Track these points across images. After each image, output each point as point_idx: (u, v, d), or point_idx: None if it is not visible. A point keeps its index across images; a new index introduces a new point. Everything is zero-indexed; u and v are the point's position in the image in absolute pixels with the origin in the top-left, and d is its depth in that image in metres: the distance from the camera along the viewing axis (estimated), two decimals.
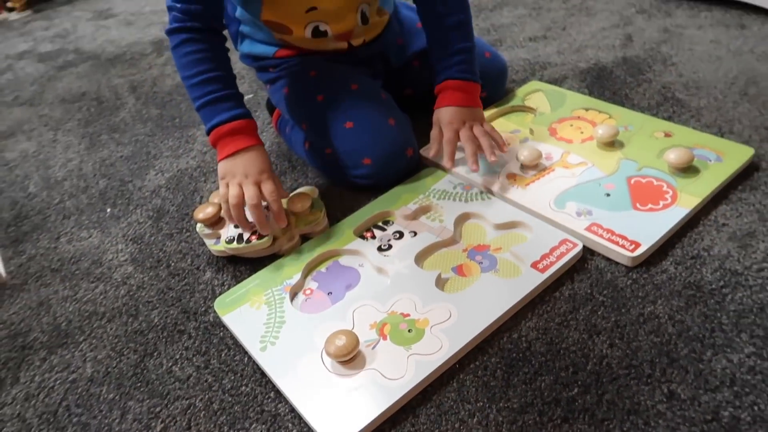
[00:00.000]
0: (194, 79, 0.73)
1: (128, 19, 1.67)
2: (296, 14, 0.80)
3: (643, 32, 1.10)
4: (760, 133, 0.80)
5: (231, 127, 0.72)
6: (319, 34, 0.82)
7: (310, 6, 0.78)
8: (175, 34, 0.74)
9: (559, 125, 0.86)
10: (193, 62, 0.73)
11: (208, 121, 0.73)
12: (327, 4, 0.79)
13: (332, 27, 0.81)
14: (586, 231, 0.67)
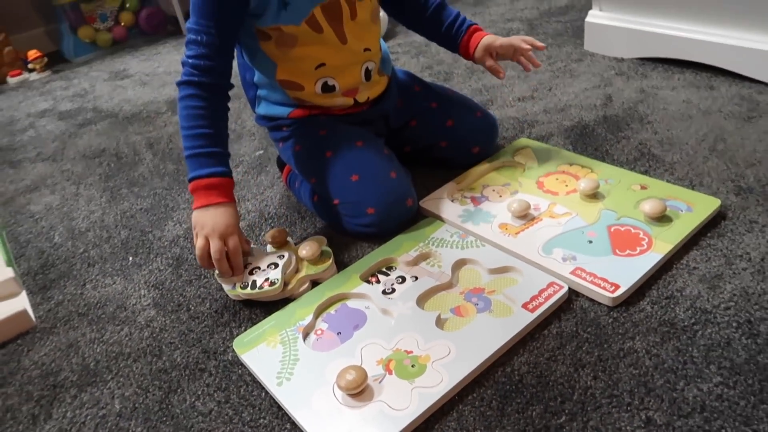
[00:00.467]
0: (188, 131, 0.81)
1: (143, 80, 1.77)
2: (307, 71, 0.89)
3: (622, 93, 1.20)
4: (727, 185, 0.88)
5: (208, 182, 0.80)
6: (328, 89, 0.91)
7: (319, 62, 0.88)
8: (184, 86, 0.82)
9: (546, 179, 0.95)
10: (191, 116, 0.81)
11: (191, 171, 0.81)
12: (334, 60, 0.88)
13: (339, 82, 0.91)
14: (571, 274, 0.74)
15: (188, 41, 0.82)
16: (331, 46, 0.87)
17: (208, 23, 0.80)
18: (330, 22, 0.86)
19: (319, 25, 0.85)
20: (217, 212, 0.79)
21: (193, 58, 0.81)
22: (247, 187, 1.11)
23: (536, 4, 1.83)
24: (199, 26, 0.81)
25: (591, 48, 1.42)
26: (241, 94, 1.52)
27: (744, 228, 0.79)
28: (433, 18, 1.00)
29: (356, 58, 0.91)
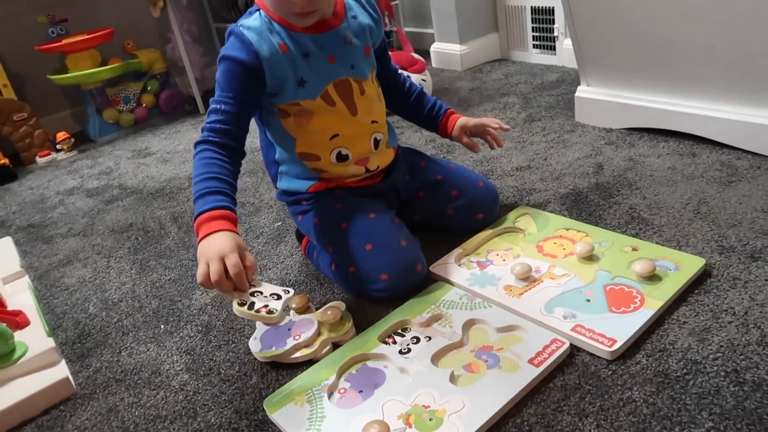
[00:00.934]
0: (197, 178, 0.87)
1: (165, 157, 1.89)
2: (323, 142, 1.00)
3: (612, 161, 1.30)
4: (711, 245, 0.96)
5: (209, 215, 0.82)
6: (342, 158, 1.01)
7: (333, 133, 1.00)
8: (200, 145, 0.90)
9: (545, 243, 1.03)
10: (202, 165, 0.88)
11: (195, 211, 0.84)
12: (346, 130, 1.00)
13: (352, 151, 1.02)
14: (572, 331, 0.81)
15: (209, 111, 0.93)
16: (342, 117, 0.99)
17: (228, 96, 0.92)
18: (341, 97, 0.98)
19: (332, 99, 0.98)
20: (217, 238, 0.80)
21: (212, 122, 0.91)
22: (268, 256, 1.19)
23: (529, 78, 1.97)
24: (220, 98, 0.92)
25: (582, 119, 1.54)
26: (258, 170, 1.64)
27: (728, 285, 0.87)
28: (415, 103, 1.16)
29: (365, 129, 1.02)
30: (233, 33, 0.93)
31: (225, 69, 0.92)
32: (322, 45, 0.96)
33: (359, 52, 1.00)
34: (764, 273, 0.88)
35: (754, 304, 0.82)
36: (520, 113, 1.68)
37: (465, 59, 2.22)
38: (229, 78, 0.92)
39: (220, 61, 0.93)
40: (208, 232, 0.81)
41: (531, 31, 2.12)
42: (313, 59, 0.95)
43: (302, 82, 0.95)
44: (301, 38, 0.95)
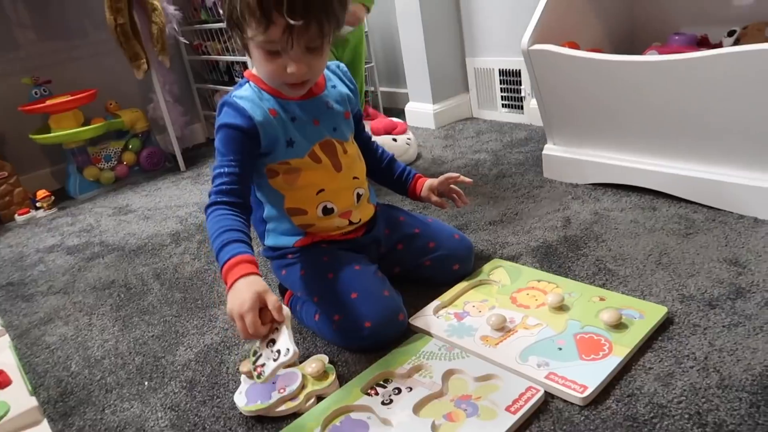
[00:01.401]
0: (215, 234, 0.92)
1: (146, 214, 1.92)
2: (310, 197, 1.06)
3: (579, 215, 1.38)
4: (672, 294, 1.02)
5: (231, 263, 0.86)
6: (328, 211, 1.07)
7: (319, 188, 1.06)
8: (210, 208, 0.95)
9: (518, 294, 1.08)
10: (216, 221, 0.92)
11: (219, 263, 0.89)
12: (331, 185, 1.07)
13: (337, 204, 1.08)
14: (546, 379, 0.85)
15: (214, 176, 0.98)
16: (328, 173, 1.06)
17: (229, 159, 0.97)
18: (327, 155, 1.06)
19: (318, 157, 1.05)
20: (238, 290, 0.83)
21: (218, 185, 0.96)
22: None
23: (499, 136, 2.07)
24: (222, 163, 0.97)
25: (549, 175, 1.62)
26: None
27: (689, 331, 0.92)
28: (386, 168, 1.25)
29: (349, 184, 1.09)
30: (227, 103, 1.00)
31: (224, 136, 0.98)
32: (308, 110, 1.04)
33: (340, 116, 1.09)
34: (721, 320, 0.94)
35: (713, 349, 0.88)
36: (491, 170, 1.76)
37: (438, 118, 2.32)
38: (229, 143, 0.98)
39: (218, 130, 0.99)
40: (233, 280, 0.85)
41: (499, 91, 2.25)
42: (299, 122, 1.03)
43: (291, 142, 1.02)
44: (288, 105, 1.02)
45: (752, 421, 0.75)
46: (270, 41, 0.91)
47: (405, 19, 2.26)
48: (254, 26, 0.89)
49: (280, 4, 0.86)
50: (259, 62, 0.96)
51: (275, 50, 0.92)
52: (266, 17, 0.87)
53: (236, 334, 1.14)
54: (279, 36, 0.89)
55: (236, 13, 0.90)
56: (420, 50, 2.25)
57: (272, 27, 0.88)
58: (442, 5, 2.22)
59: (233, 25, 0.94)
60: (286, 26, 0.87)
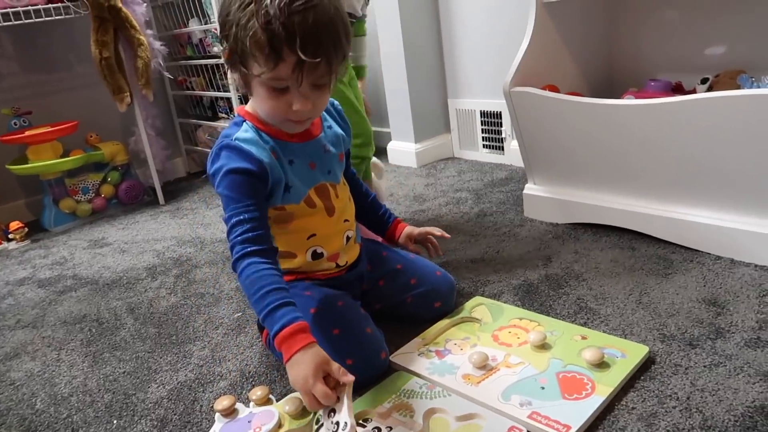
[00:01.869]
0: (258, 294, 0.87)
1: (122, 247, 1.88)
2: (301, 242, 1.05)
3: (560, 254, 1.38)
4: (653, 334, 1.02)
5: (284, 333, 0.84)
6: (317, 256, 1.06)
7: (311, 233, 1.04)
8: (241, 261, 0.90)
9: (500, 332, 1.07)
10: (256, 279, 0.88)
11: (270, 328, 0.87)
12: (323, 230, 1.05)
13: (326, 249, 1.06)
14: (528, 419, 0.84)
15: (231, 226, 0.92)
16: (321, 218, 1.05)
17: (245, 204, 0.93)
18: (321, 199, 1.05)
19: (313, 202, 1.04)
20: (301, 363, 0.83)
21: (242, 234, 0.91)
22: (227, 347, 1.19)
23: (480, 176, 2.09)
24: (238, 209, 0.92)
25: (530, 215, 1.64)
26: (218, 260, 1.66)
27: (671, 371, 0.92)
28: (370, 207, 1.25)
29: (339, 228, 1.08)
30: (228, 147, 0.96)
31: (233, 182, 0.94)
32: (306, 152, 1.03)
33: (335, 159, 1.09)
34: (702, 360, 0.94)
35: (695, 389, 0.87)
36: (473, 208, 1.77)
37: (420, 157, 2.34)
38: (241, 188, 0.93)
39: (225, 176, 0.94)
40: (291, 353, 0.84)
41: (480, 132, 2.28)
42: (297, 166, 1.01)
43: (288, 187, 1.00)
44: (287, 146, 1.01)
45: None
46: (278, 78, 0.88)
47: (389, 60, 2.30)
48: (262, 63, 0.87)
49: (293, 41, 0.84)
50: (262, 99, 0.94)
51: (282, 87, 0.90)
52: (276, 54, 0.85)
53: (213, 372, 1.11)
54: (288, 73, 0.87)
55: (241, 49, 0.88)
56: (403, 90, 2.29)
57: (282, 64, 0.86)
58: (425, 47, 2.27)
59: (236, 61, 0.91)
60: (296, 63, 0.86)
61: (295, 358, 0.83)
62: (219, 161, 0.96)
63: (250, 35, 0.85)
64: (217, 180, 0.96)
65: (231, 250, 0.92)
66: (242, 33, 0.86)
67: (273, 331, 0.86)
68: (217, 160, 0.97)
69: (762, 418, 0.80)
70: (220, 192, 0.96)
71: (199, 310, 1.37)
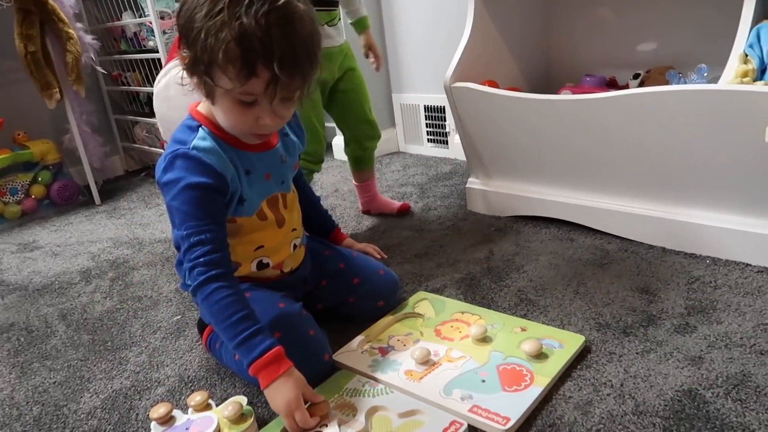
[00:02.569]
0: (227, 321, 0.85)
1: (54, 251, 1.80)
2: (247, 253, 1.02)
3: (501, 247, 1.40)
4: (590, 323, 1.05)
5: (263, 360, 0.84)
6: (263, 266, 1.04)
7: (259, 245, 1.01)
8: (205, 286, 0.86)
9: (443, 327, 1.08)
10: (224, 306, 0.86)
11: (245, 356, 0.85)
12: (272, 242, 1.03)
13: (273, 259, 1.04)
14: (469, 412, 0.85)
15: (190, 245, 0.87)
16: (270, 230, 1.02)
17: (205, 222, 0.88)
18: (272, 211, 1.02)
19: (264, 215, 1.01)
20: (282, 388, 0.84)
21: (204, 256, 0.87)
22: (165, 352, 1.15)
23: (425, 170, 2.10)
24: (199, 228, 0.88)
25: (473, 208, 1.66)
26: (156, 262, 1.60)
27: (605, 359, 0.95)
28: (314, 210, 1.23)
29: (287, 238, 1.06)
30: (187, 157, 0.89)
31: (192, 198, 0.88)
32: (264, 163, 0.99)
33: (290, 168, 1.06)
34: (635, 347, 0.97)
35: (628, 376, 0.90)
36: (417, 203, 1.78)
37: None
38: (201, 204, 0.88)
39: (183, 191, 0.88)
40: (273, 378, 0.85)
41: (425, 126, 2.29)
42: (253, 177, 0.98)
43: (242, 200, 0.97)
44: (246, 157, 0.96)
45: None
46: (248, 93, 0.83)
47: None
48: (233, 77, 0.81)
49: (269, 58, 0.78)
50: (226, 111, 0.88)
51: (250, 101, 0.85)
52: (249, 69, 0.80)
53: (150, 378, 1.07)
54: (261, 89, 0.82)
55: (209, 60, 0.81)
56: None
57: (254, 79, 0.81)
58: None
59: (200, 71, 0.84)
60: (270, 79, 0.81)
61: (278, 383, 0.84)
62: (174, 171, 0.90)
63: (223, 48, 0.79)
64: (172, 193, 0.89)
65: (189, 271, 0.88)
66: (212, 43, 0.79)
67: (250, 358, 0.85)
68: (171, 169, 0.90)
69: (689, 401, 0.83)
70: (176, 206, 0.89)
71: (136, 314, 1.32)
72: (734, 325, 0.99)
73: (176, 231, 0.91)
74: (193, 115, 0.96)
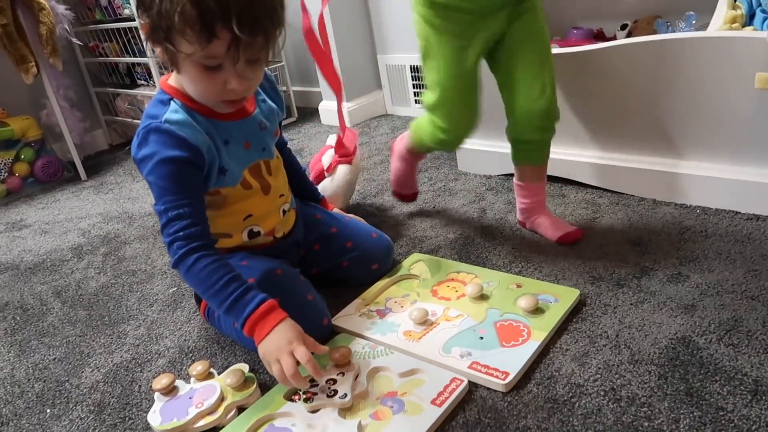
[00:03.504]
0: (215, 287, 0.85)
1: (43, 228, 1.78)
2: (236, 223, 1.01)
3: (494, 205, 1.41)
4: (584, 276, 1.06)
5: (257, 314, 0.84)
6: (254, 235, 1.03)
7: (247, 214, 1.01)
8: (185, 258, 0.86)
9: (439, 287, 1.09)
10: (209, 274, 0.86)
11: (237, 317, 0.85)
12: (259, 209, 1.02)
13: (263, 227, 1.04)
14: (469, 369, 0.86)
15: (168, 220, 0.87)
16: (257, 198, 1.01)
17: (183, 196, 0.88)
18: (256, 178, 1.00)
19: (248, 183, 0.99)
20: (277, 333, 0.84)
21: (183, 230, 0.87)
22: (164, 324, 1.15)
23: None
24: (176, 202, 0.87)
25: (464, 168, 1.65)
26: (149, 235, 1.59)
27: (600, 311, 0.96)
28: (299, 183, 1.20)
29: (275, 204, 1.05)
30: (159, 131, 0.88)
31: (167, 172, 0.87)
32: (241, 131, 0.97)
33: (270, 135, 1.04)
34: (629, 298, 0.98)
35: (623, 326, 0.92)
36: None
37: (352, 116, 2.31)
38: (176, 179, 0.88)
39: (158, 165, 0.87)
40: (267, 331, 0.84)
41: (412, 87, 2.26)
42: (231, 146, 0.96)
43: (223, 170, 0.95)
44: (222, 126, 0.94)
45: (661, 392, 0.78)
46: (211, 56, 0.81)
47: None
48: (193, 40, 0.78)
49: (227, 17, 0.76)
50: (192, 79, 0.86)
51: (214, 65, 0.83)
52: (208, 31, 0.77)
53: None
54: (222, 51, 0.80)
55: (167, 25, 0.78)
56: (330, 48, 2.22)
57: (215, 41, 0.78)
58: (350, 3, 2.21)
59: (160, 38, 0.82)
60: (231, 40, 0.78)
61: (277, 329, 0.84)
62: (148, 146, 0.88)
63: (178, 10, 0.76)
64: (148, 168, 0.88)
65: (169, 245, 0.88)
66: (167, 7, 0.77)
67: (244, 315, 0.85)
68: (145, 144, 0.89)
69: (683, 347, 0.85)
70: (152, 181, 0.89)
71: (131, 288, 1.32)
72: (725, 273, 1.00)
73: (154, 206, 0.90)
74: (163, 88, 0.94)
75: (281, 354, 0.82)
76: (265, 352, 0.84)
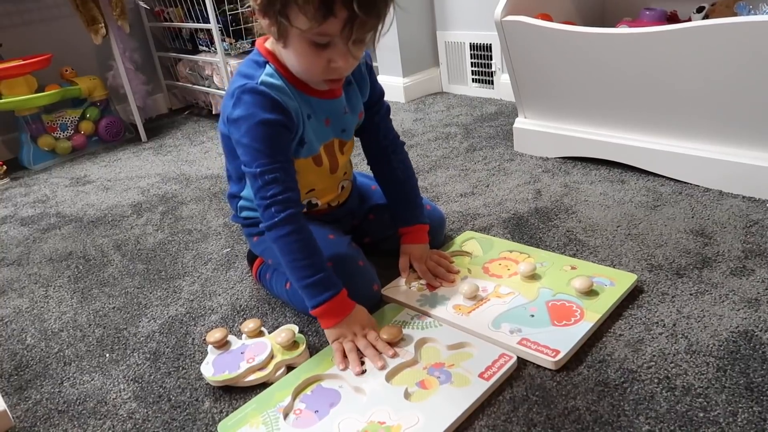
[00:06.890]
0: (297, 263, 0.89)
1: (105, 185, 1.85)
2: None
3: (549, 187, 1.38)
4: (642, 264, 1.03)
5: (329, 305, 0.90)
6: (312, 206, 1.05)
7: (310, 188, 1.03)
8: (281, 226, 0.88)
9: (491, 265, 1.08)
10: (296, 249, 0.89)
11: (309, 299, 0.90)
12: (322, 185, 1.04)
13: (321, 200, 1.06)
14: (518, 345, 0.85)
15: (264, 183, 0.88)
16: (324, 175, 1.03)
17: (276, 160, 0.88)
18: (328, 155, 1.02)
19: (320, 160, 1.01)
20: (351, 319, 0.91)
21: (279, 194, 0.88)
22: (217, 282, 1.18)
23: (470, 111, 2.06)
24: (270, 165, 0.88)
25: (520, 149, 1.62)
26: (205, 197, 1.63)
27: (657, 299, 0.94)
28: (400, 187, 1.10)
29: (338, 181, 1.07)
30: (256, 92, 0.88)
31: (264, 134, 0.88)
32: (324, 110, 0.97)
33: (353, 120, 1.03)
34: (688, 288, 0.95)
35: (681, 316, 0.89)
36: (462, 143, 1.75)
37: (408, 92, 2.29)
38: (273, 141, 0.89)
39: (255, 126, 0.88)
40: (338, 319, 0.91)
41: (470, 66, 2.23)
42: (313, 121, 0.96)
43: (302, 142, 0.96)
44: (309, 100, 0.95)
45: (719, 384, 0.76)
46: (323, 34, 0.80)
47: None
48: (310, 16, 0.77)
49: None
50: (298, 54, 0.85)
51: (324, 43, 0.82)
52: (327, 8, 0.77)
53: (203, 307, 1.11)
54: (337, 29, 0.79)
55: None
56: (390, 23, 2.20)
57: (332, 19, 0.78)
58: None
59: (275, 10, 0.80)
60: (347, 19, 0.78)
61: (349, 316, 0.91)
62: (243, 107, 0.89)
63: None
64: (243, 129, 0.89)
65: (265, 208, 0.89)
66: None
67: (316, 301, 0.89)
68: (239, 104, 0.89)
69: (745, 342, 0.82)
70: (245, 142, 0.89)
71: (187, 246, 1.36)
72: None
73: (245, 167, 0.91)
74: (260, 50, 0.94)
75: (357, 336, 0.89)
76: (339, 334, 0.90)
